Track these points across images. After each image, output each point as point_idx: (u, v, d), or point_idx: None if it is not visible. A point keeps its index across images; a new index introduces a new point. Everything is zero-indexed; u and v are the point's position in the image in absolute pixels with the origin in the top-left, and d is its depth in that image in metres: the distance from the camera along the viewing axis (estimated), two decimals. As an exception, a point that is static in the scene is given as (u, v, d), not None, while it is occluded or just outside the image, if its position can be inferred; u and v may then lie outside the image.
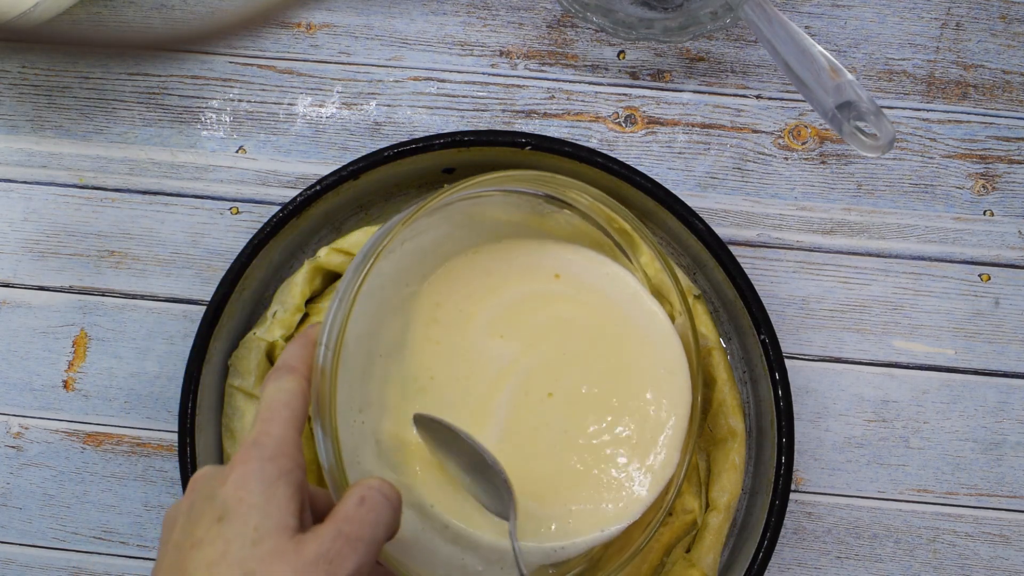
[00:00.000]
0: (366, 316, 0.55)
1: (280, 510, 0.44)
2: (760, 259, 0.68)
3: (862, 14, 0.69)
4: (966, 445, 0.67)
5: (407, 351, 0.56)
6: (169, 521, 0.46)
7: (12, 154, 0.68)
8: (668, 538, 0.63)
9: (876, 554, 0.66)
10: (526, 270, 0.58)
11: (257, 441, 0.46)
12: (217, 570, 0.42)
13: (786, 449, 0.61)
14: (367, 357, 0.55)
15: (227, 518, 0.43)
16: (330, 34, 0.69)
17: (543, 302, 0.58)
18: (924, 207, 0.68)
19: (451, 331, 0.57)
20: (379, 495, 0.46)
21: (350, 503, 0.45)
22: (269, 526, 0.43)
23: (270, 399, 0.48)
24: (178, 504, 0.47)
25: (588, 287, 0.58)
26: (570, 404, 0.57)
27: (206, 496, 0.45)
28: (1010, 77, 0.69)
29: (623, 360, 0.57)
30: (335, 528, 0.44)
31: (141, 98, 0.69)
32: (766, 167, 0.68)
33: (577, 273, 0.59)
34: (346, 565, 0.43)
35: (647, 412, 0.57)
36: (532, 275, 0.58)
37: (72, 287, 0.68)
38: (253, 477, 0.44)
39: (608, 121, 0.68)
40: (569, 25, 0.69)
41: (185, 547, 0.44)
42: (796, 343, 0.67)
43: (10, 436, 0.67)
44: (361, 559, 0.44)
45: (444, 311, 0.57)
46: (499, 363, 0.56)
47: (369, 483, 0.46)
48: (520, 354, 0.57)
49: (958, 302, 0.67)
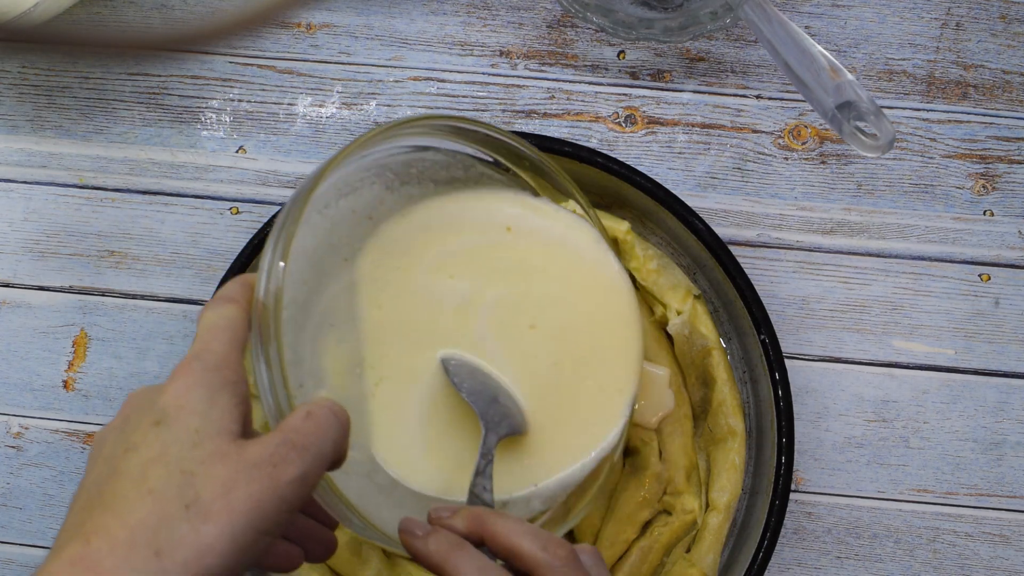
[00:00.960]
0: (304, 282, 0.53)
1: (223, 415, 0.42)
2: (760, 259, 0.68)
3: (862, 14, 0.69)
4: (966, 445, 0.67)
5: (353, 314, 0.54)
6: (99, 440, 0.43)
7: (12, 154, 0.68)
8: (668, 538, 0.63)
9: (876, 554, 0.66)
10: (474, 224, 0.56)
11: (198, 355, 0.43)
12: (153, 470, 0.40)
13: (786, 449, 0.61)
14: (310, 330, 0.54)
15: (165, 422, 0.41)
16: (330, 34, 0.69)
17: (494, 250, 0.56)
18: (924, 207, 0.68)
19: (394, 278, 0.55)
20: (327, 411, 0.44)
21: (296, 416, 0.43)
22: (210, 429, 0.41)
23: (209, 322, 0.45)
24: (109, 424, 0.44)
25: (543, 237, 0.57)
26: (551, 337, 0.55)
27: (143, 407, 0.43)
28: (1010, 77, 0.69)
29: (580, 300, 0.56)
30: (281, 436, 0.42)
31: (141, 98, 0.69)
32: (766, 167, 0.68)
33: (531, 225, 0.57)
34: (290, 470, 0.41)
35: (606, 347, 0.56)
36: (481, 229, 0.56)
37: (72, 287, 0.68)
38: (195, 384, 0.42)
39: (608, 121, 0.68)
40: (569, 25, 0.69)
41: (117, 454, 0.41)
42: (796, 343, 0.67)
43: (10, 436, 0.67)
44: (307, 467, 0.42)
45: (383, 269, 0.55)
46: (456, 299, 0.55)
47: (316, 400, 0.44)
48: (478, 291, 0.55)
49: (958, 302, 0.67)
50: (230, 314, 0.45)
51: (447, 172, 0.57)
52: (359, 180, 0.55)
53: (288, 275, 0.47)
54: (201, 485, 0.40)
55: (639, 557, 0.62)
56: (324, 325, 0.54)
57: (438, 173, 0.57)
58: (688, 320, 0.63)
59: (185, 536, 0.39)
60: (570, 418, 0.55)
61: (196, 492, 0.39)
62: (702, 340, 0.63)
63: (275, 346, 0.46)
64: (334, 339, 0.54)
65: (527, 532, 0.44)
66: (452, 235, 0.56)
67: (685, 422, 0.64)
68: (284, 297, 0.47)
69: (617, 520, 0.62)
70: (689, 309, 0.63)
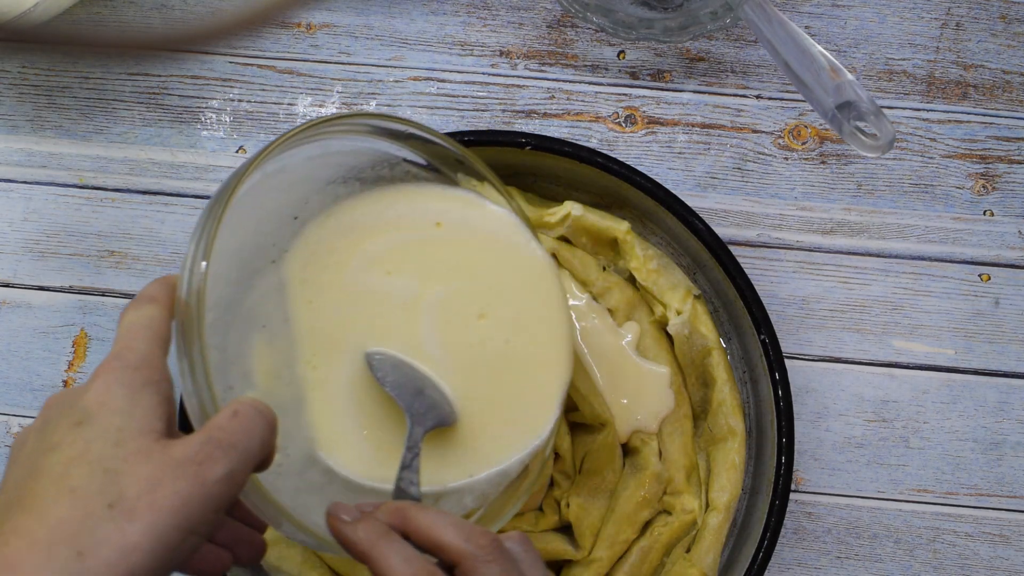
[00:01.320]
0: (230, 283, 0.52)
1: (146, 414, 0.41)
2: (760, 259, 0.68)
3: (862, 14, 0.69)
4: (966, 445, 0.67)
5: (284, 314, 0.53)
6: (18, 442, 0.42)
7: (12, 154, 0.68)
8: (668, 538, 0.63)
9: (876, 554, 0.66)
10: (403, 221, 0.56)
11: (119, 354, 0.42)
12: (75, 469, 0.39)
13: (786, 449, 0.61)
14: (240, 330, 0.53)
15: (87, 422, 0.40)
16: (330, 34, 0.69)
17: (426, 245, 0.56)
18: (924, 207, 0.68)
19: (326, 277, 0.54)
20: (253, 410, 0.43)
21: (222, 415, 0.42)
22: (134, 427, 0.40)
23: (130, 322, 0.44)
24: (29, 426, 0.43)
25: (471, 230, 0.56)
26: (483, 330, 0.55)
27: (64, 408, 0.41)
28: (1010, 77, 0.69)
29: (509, 293, 0.56)
30: (206, 434, 0.41)
31: (141, 98, 0.69)
32: (766, 167, 0.68)
33: (459, 218, 0.56)
34: (216, 469, 0.40)
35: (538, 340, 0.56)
36: (411, 225, 0.56)
37: (72, 287, 0.68)
38: (116, 383, 0.41)
39: (608, 121, 0.68)
40: (569, 25, 0.69)
41: (38, 455, 0.40)
42: (796, 343, 0.67)
43: (10, 436, 0.67)
44: (234, 465, 0.41)
45: (313, 268, 0.54)
46: (389, 295, 0.54)
47: (242, 399, 0.43)
48: (411, 286, 0.55)
49: (958, 302, 0.67)
50: (151, 313, 0.45)
51: (373, 171, 0.57)
52: (284, 179, 0.55)
53: (212, 275, 0.46)
54: (125, 483, 0.39)
55: (639, 557, 0.62)
56: (254, 325, 0.53)
57: (364, 172, 0.56)
58: (688, 320, 0.63)
59: (109, 535, 0.38)
60: (504, 411, 0.55)
61: (120, 490, 0.39)
62: (702, 340, 0.63)
63: (198, 346, 0.44)
64: (265, 339, 0.53)
65: (450, 523, 0.44)
66: (382, 232, 0.56)
67: (685, 422, 0.64)
68: (209, 298, 0.46)
69: (617, 520, 0.62)
70: (689, 309, 0.63)
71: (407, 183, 0.57)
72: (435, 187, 0.57)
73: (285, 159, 0.53)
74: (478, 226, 0.56)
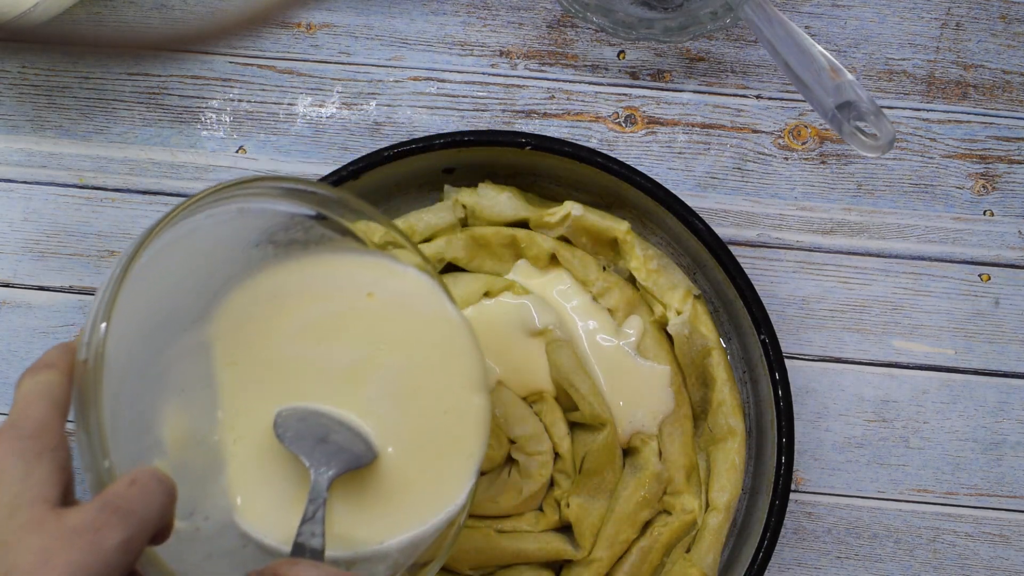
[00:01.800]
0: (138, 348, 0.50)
1: (41, 483, 0.40)
2: (760, 259, 0.68)
3: (862, 14, 0.69)
4: (966, 445, 0.67)
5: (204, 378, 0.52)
6: None
7: (12, 154, 0.68)
8: (668, 538, 0.63)
9: (876, 554, 0.66)
10: (329, 289, 0.55)
11: (14, 423, 0.42)
12: None
13: (786, 449, 0.61)
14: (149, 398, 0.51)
15: None
16: (330, 34, 0.69)
17: (358, 316, 0.55)
18: (924, 207, 0.68)
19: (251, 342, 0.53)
20: (151, 478, 0.42)
21: (120, 483, 0.41)
22: (27, 498, 0.39)
23: (26, 389, 0.43)
24: None
25: (402, 302, 0.56)
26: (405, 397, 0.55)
27: None
28: (1010, 77, 0.69)
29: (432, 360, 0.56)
30: (102, 501, 0.40)
31: (141, 98, 0.69)
32: (766, 167, 0.68)
33: (390, 289, 0.56)
34: (113, 536, 0.39)
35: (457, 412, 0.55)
36: (339, 295, 0.55)
37: (72, 287, 0.68)
38: (11, 453, 0.40)
39: (608, 121, 0.68)
40: (569, 25, 0.69)
41: None
42: (796, 343, 0.67)
43: (10, 436, 0.67)
44: (131, 532, 0.40)
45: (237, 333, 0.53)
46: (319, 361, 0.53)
47: (142, 468, 0.42)
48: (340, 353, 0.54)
49: (958, 302, 0.67)
50: (48, 379, 0.44)
51: (286, 233, 0.55)
52: (195, 241, 0.53)
53: (117, 339, 0.45)
54: (17, 555, 0.38)
55: (639, 557, 0.62)
56: (169, 390, 0.52)
57: (277, 235, 0.55)
58: (688, 320, 0.63)
59: None
60: (420, 479, 0.54)
61: (12, 563, 0.38)
62: (702, 340, 0.63)
63: (95, 413, 0.43)
64: (181, 404, 0.52)
65: None
66: (311, 301, 0.55)
67: (685, 422, 0.64)
68: (116, 362, 0.45)
69: (617, 520, 0.62)
70: (689, 309, 0.63)
71: (324, 247, 0.56)
72: (353, 254, 0.56)
73: (195, 222, 0.51)
74: (406, 295, 0.56)
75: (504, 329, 0.63)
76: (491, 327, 0.63)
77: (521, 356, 0.63)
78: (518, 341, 0.63)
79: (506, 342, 0.63)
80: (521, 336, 0.63)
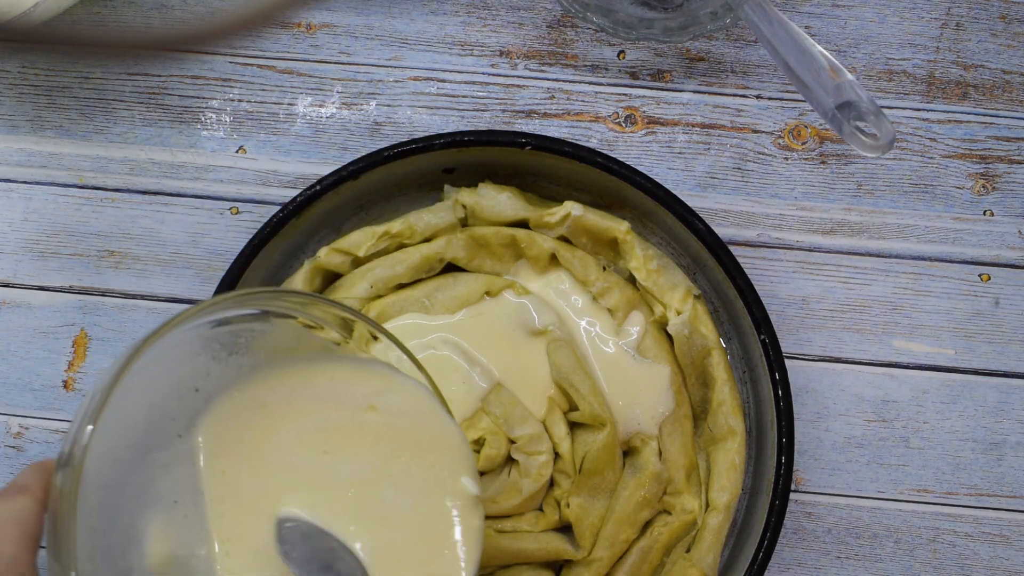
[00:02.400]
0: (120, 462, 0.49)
1: None
2: (760, 259, 0.68)
3: (862, 14, 0.69)
4: (966, 445, 0.67)
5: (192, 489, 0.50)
6: None
7: (12, 154, 0.68)
8: (668, 538, 0.63)
9: (876, 554, 0.66)
10: (327, 400, 0.53)
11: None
12: None
13: (786, 449, 0.61)
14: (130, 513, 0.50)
15: None
16: (330, 34, 0.69)
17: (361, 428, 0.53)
18: (924, 207, 0.68)
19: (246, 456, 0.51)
20: None
21: None
22: None
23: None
24: None
25: (404, 413, 0.54)
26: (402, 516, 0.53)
27: None
28: (1010, 77, 0.69)
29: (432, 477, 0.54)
30: None
31: (141, 98, 0.69)
32: (766, 167, 0.68)
33: (392, 402, 0.53)
34: None
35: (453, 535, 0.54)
36: (339, 406, 0.53)
37: (72, 287, 0.68)
38: None
39: (608, 121, 0.68)
40: (569, 25, 0.69)
41: None
42: (796, 343, 0.67)
43: (10, 436, 0.67)
44: None
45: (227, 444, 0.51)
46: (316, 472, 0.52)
47: None
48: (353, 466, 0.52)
49: (958, 302, 0.67)
50: (20, 507, 0.43)
51: (274, 341, 0.54)
52: (179, 353, 0.51)
53: (98, 449, 0.43)
54: None
55: (639, 557, 0.62)
56: (154, 502, 0.50)
57: (266, 342, 0.54)
58: (688, 320, 0.63)
59: None
60: None
61: None
62: (702, 340, 0.63)
63: (68, 544, 0.42)
64: (166, 516, 0.50)
65: None
66: (307, 410, 0.53)
67: (685, 422, 0.64)
68: (99, 474, 0.44)
69: (617, 520, 0.62)
70: (689, 309, 0.63)
71: (313, 352, 0.54)
72: (351, 362, 0.54)
73: (178, 335, 0.50)
74: (407, 407, 0.54)
75: (504, 329, 0.63)
76: (491, 327, 0.63)
77: (521, 356, 0.63)
78: (518, 341, 0.63)
79: (506, 342, 0.63)
80: (521, 336, 0.63)
